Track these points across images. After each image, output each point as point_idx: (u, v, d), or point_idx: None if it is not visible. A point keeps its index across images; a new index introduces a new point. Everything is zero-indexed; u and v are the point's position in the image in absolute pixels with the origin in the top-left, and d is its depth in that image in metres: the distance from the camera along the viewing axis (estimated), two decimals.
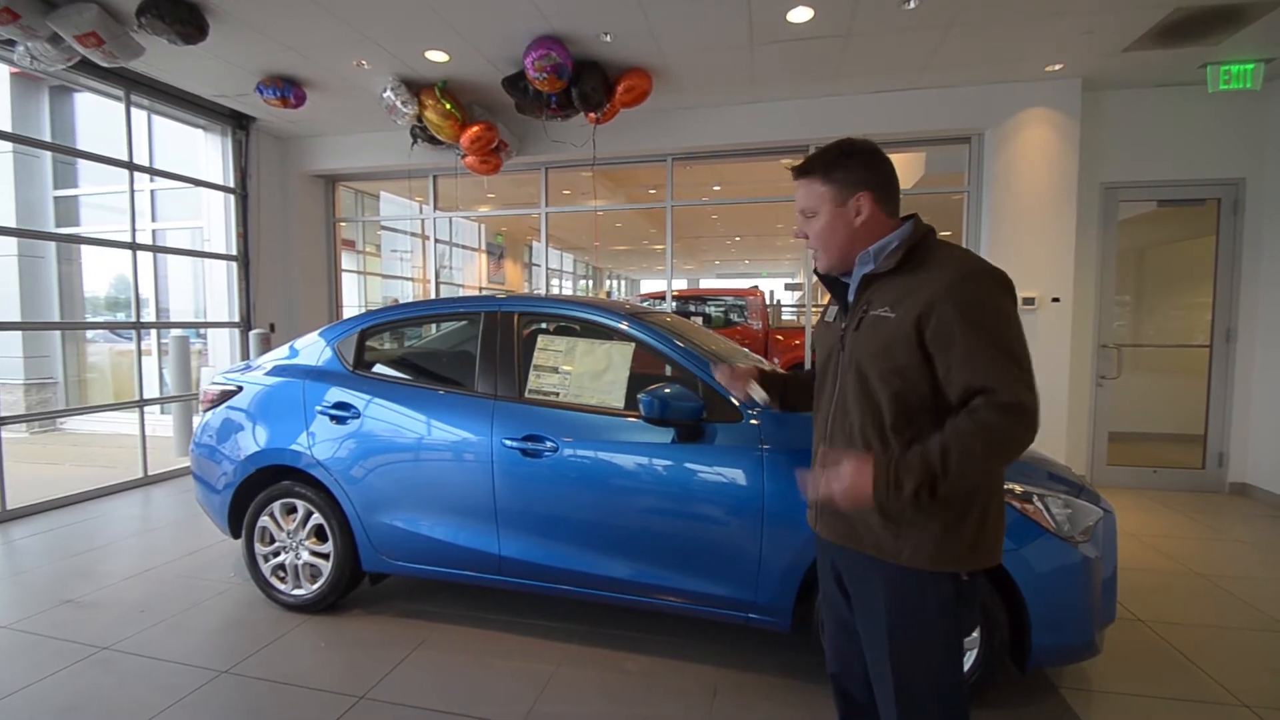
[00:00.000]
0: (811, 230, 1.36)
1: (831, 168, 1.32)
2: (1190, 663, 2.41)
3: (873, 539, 1.27)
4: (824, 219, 1.33)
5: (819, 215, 1.33)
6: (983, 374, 1.14)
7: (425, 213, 6.33)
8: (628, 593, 2.35)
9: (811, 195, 1.33)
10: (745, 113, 4.97)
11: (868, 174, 1.31)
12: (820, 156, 1.33)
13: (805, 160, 1.35)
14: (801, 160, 1.37)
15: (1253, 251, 4.53)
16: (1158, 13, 3.51)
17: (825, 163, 1.32)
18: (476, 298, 2.82)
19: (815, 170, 1.33)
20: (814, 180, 1.33)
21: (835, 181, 1.31)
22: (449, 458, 2.54)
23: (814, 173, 1.33)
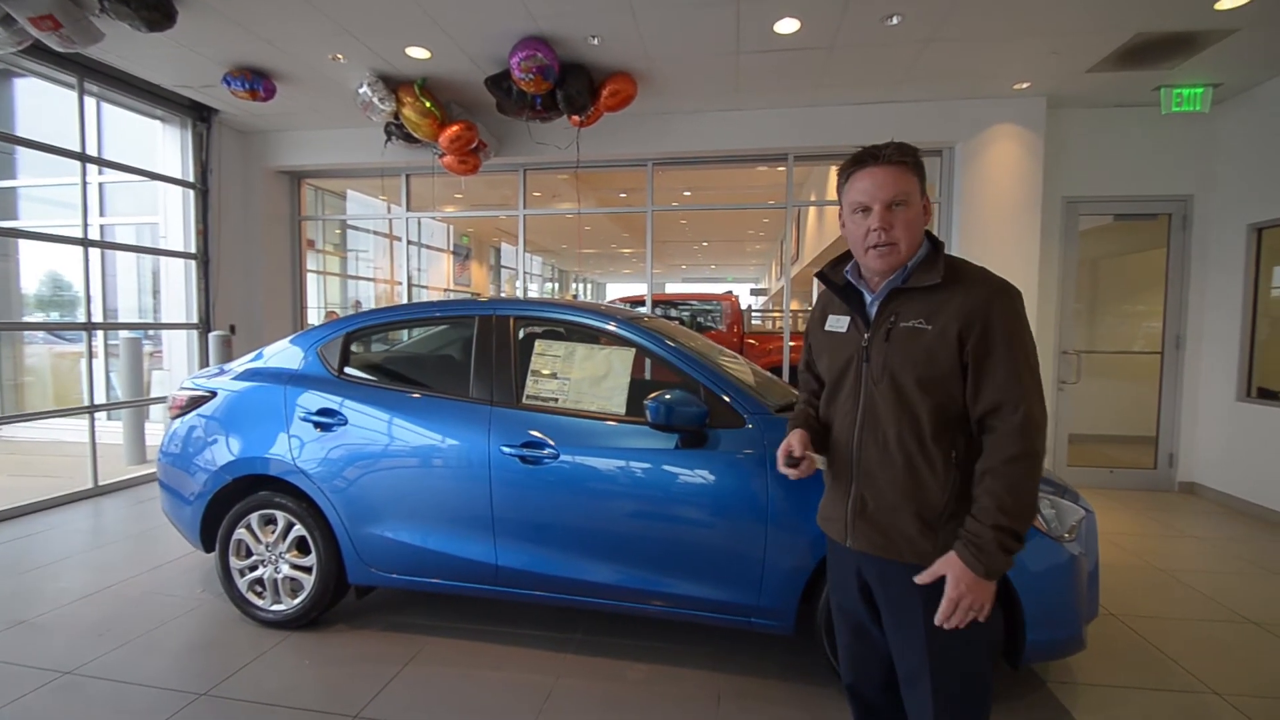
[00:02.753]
0: (902, 219, 1.26)
1: (917, 160, 1.30)
2: (1162, 654, 2.53)
3: (911, 548, 1.29)
4: (915, 209, 1.28)
5: (909, 204, 1.26)
6: (1007, 388, 1.20)
7: (396, 212, 6.16)
8: (630, 600, 2.33)
9: (905, 181, 1.26)
10: (726, 120, 5.02)
11: (925, 180, 1.33)
12: (906, 147, 1.28)
13: (890, 147, 1.27)
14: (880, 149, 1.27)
15: (1200, 264, 4.82)
16: (1120, 36, 3.71)
17: (913, 153, 1.29)
18: (471, 301, 2.76)
19: (909, 158, 1.28)
20: (907, 168, 1.27)
21: (920, 175, 1.30)
22: (443, 465, 2.47)
23: (908, 160, 1.27)
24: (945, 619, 1.22)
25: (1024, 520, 1.18)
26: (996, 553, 1.17)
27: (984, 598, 1.20)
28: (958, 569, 1.20)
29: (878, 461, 1.32)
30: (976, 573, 1.18)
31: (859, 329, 1.37)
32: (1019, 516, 1.18)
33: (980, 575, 1.18)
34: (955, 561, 1.21)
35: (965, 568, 1.19)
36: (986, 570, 1.18)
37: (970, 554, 1.19)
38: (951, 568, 1.21)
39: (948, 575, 1.22)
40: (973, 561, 1.18)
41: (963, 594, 1.20)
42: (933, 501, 1.27)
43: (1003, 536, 1.17)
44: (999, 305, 1.22)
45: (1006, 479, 1.18)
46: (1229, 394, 4.59)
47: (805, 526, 2.14)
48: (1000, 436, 1.20)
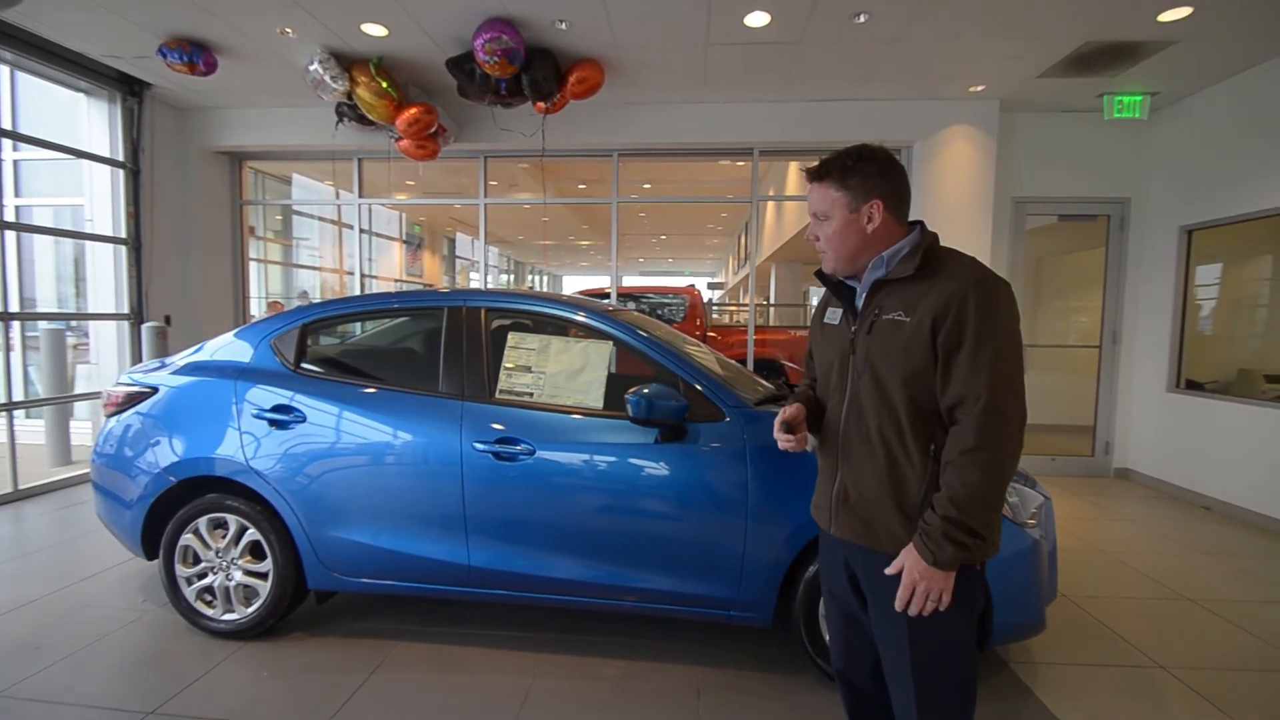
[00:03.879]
0: (823, 233, 1.36)
1: (848, 174, 1.33)
2: (1112, 631, 2.67)
3: (892, 539, 1.30)
4: (837, 224, 1.34)
5: (832, 219, 1.34)
6: (971, 382, 1.19)
7: (347, 198, 5.89)
8: (610, 597, 2.30)
9: (826, 199, 1.34)
10: (693, 112, 5.00)
11: (882, 182, 1.33)
12: (837, 162, 1.34)
13: (821, 163, 1.36)
14: (816, 163, 1.37)
15: (1135, 263, 5.12)
16: (1070, 44, 3.87)
17: (842, 168, 1.33)
18: (440, 292, 2.65)
19: (832, 175, 1.33)
20: (829, 185, 1.34)
21: (850, 188, 1.32)
22: (412, 463, 2.36)
23: (830, 177, 1.34)
24: (902, 605, 1.25)
25: (975, 513, 1.18)
26: (944, 543, 1.18)
27: (939, 586, 1.22)
28: (912, 557, 1.23)
29: (861, 452, 1.34)
30: (927, 561, 1.20)
31: (848, 322, 1.40)
32: (969, 510, 1.17)
33: (930, 564, 1.20)
34: (911, 550, 1.23)
35: (917, 555, 1.22)
36: (935, 560, 1.19)
37: (921, 542, 1.21)
38: (908, 556, 1.24)
39: (905, 563, 1.24)
40: (923, 550, 1.21)
41: (916, 581, 1.22)
42: (911, 493, 1.28)
43: (950, 528, 1.18)
44: (974, 297, 1.21)
45: (961, 471, 1.19)
46: (1160, 386, 4.90)
47: (785, 519, 2.15)
48: (961, 429, 1.21)
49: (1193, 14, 3.44)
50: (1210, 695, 2.21)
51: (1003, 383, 1.20)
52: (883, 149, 1.37)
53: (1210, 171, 4.49)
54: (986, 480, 1.19)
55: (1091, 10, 3.48)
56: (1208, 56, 3.99)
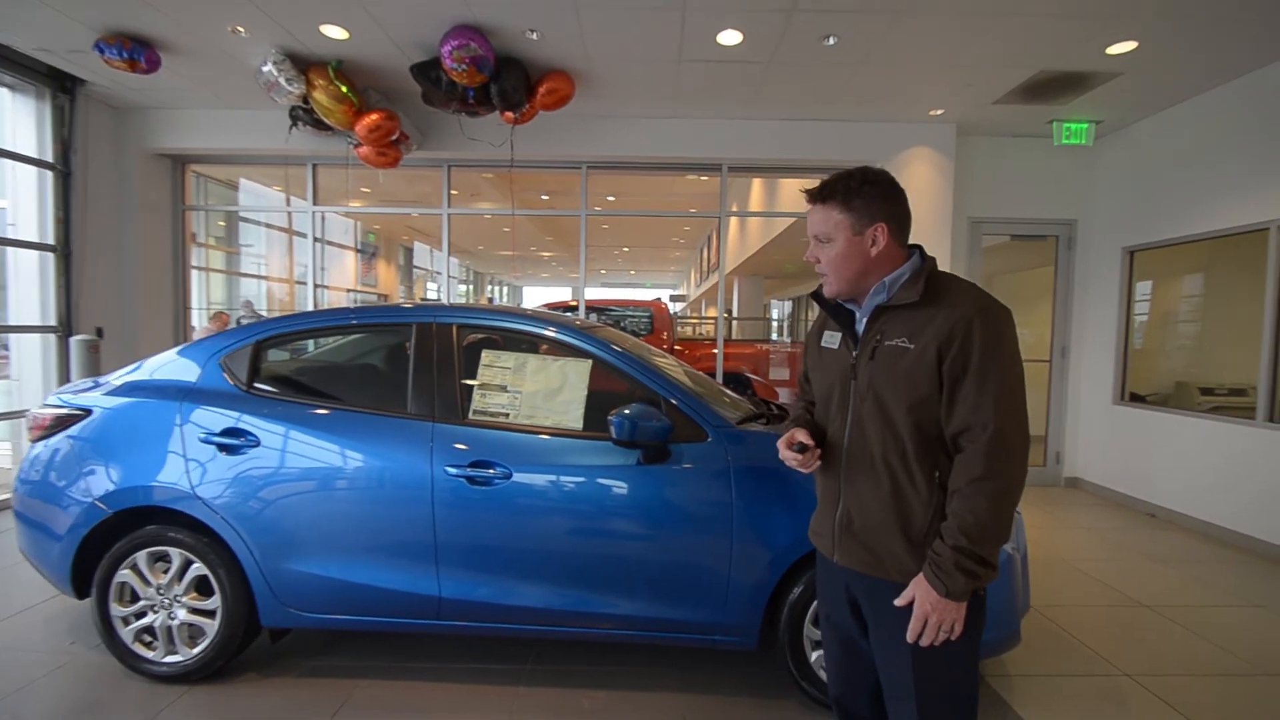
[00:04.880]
0: (825, 256, 1.33)
1: (852, 195, 1.30)
2: (1076, 640, 2.74)
3: (898, 567, 1.28)
4: (839, 246, 1.31)
5: (834, 242, 1.31)
6: (978, 410, 1.19)
7: (300, 205, 5.65)
8: (589, 625, 2.21)
9: (828, 221, 1.31)
10: (664, 126, 5.01)
11: (885, 205, 1.31)
12: (841, 183, 1.31)
13: (824, 184, 1.32)
14: (818, 184, 1.33)
15: (1082, 282, 5.37)
16: (1025, 72, 4.05)
17: (846, 190, 1.30)
18: (406, 307, 2.52)
19: (835, 196, 1.30)
20: (832, 207, 1.30)
21: (854, 210, 1.30)
22: (378, 489, 2.22)
23: (834, 199, 1.30)
24: (914, 636, 1.23)
25: (985, 543, 1.17)
26: (956, 574, 1.16)
27: (952, 617, 1.20)
28: (923, 588, 1.21)
29: (864, 478, 1.32)
30: (939, 592, 1.18)
31: (848, 347, 1.37)
32: (979, 539, 1.16)
33: (942, 596, 1.18)
34: (922, 581, 1.22)
35: (929, 587, 1.20)
36: (948, 591, 1.17)
37: (932, 573, 1.20)
38: (919, 587, 1.22)
39: (916, 594, 1.23)
40: (935, 581, 1.19)
41: (928, 612, 1.20)
42: (917, 521, 1.26)
43: (960, 558, 1.16)
44: (979, 325, 1.21)
45: (969, 500, 1.18)
46: (1106, 398, 5.13)
47: (770, 540, 2.12)
48: (967, 456, 1.20)
49: (1138, 48, 3.64)
50: (1175, 703, 2.28)
51: (1008, 411, 1.20)
52: (885, 172, 1.35)
53: (1150, 196, 4.76)
54: (995, 509, 1.18)
55: (1046, 42, 3.65)
56: (1149, 88, 4.23)
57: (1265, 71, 3.89)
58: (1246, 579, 3.48)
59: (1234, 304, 4.54)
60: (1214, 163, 4.23)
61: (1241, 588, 3.35)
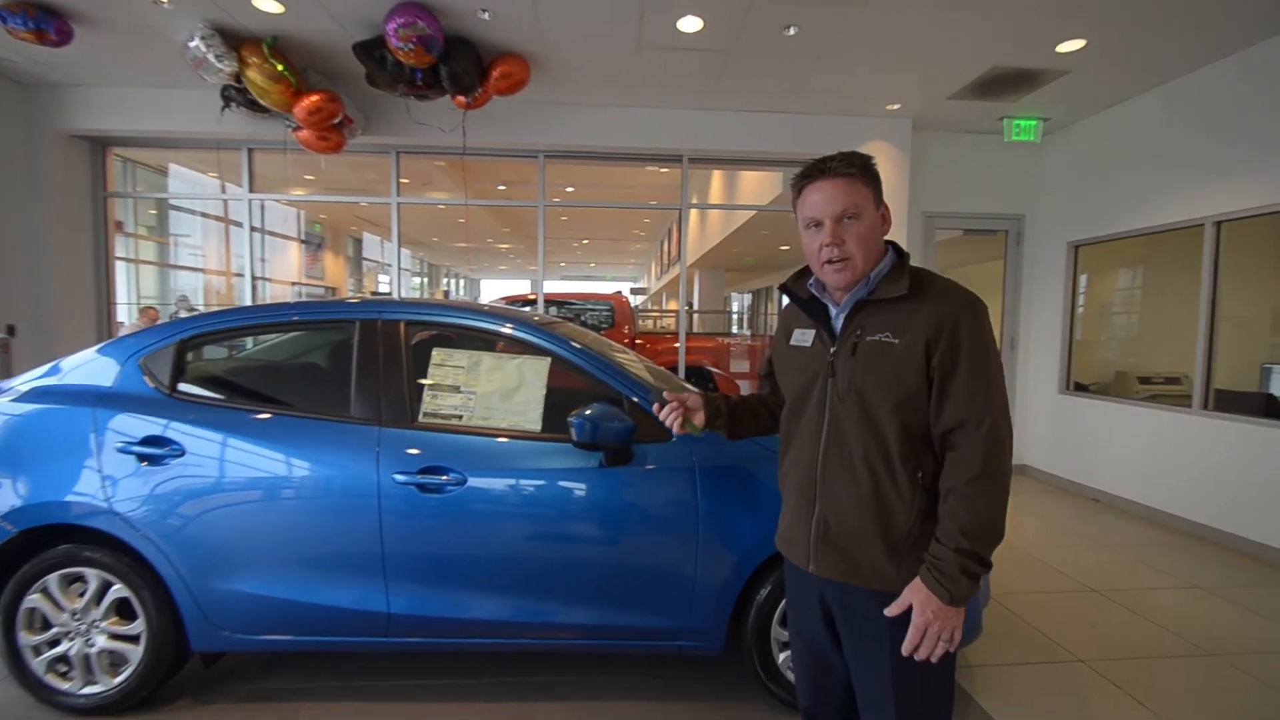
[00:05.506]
0: (853, 233, 1.21)
1: (868, 170, 1.24)
2: (1032, 627, 2.80)
3: (876, 574, 1.24)
4: (867, 221, 1.22)
5: (861, 217, 1.21)
6: (972, 404, 1.16)
7: (235, 192, 5.30)
8: (550, 636, 2.11)
9: (856, 193, 1.21)
10: (623, 115, 4.89)
11: (880, 187, 1.27)
12: (857, 157, 1.24)
13: (841, 157, 1.23)
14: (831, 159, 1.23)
15: (1030, 275, 5.54)
16: (979, 68, 4.11)
17: (865, 163, 1.24)
18: (349, 302, 2.34)
19: (855, 166, 1.22)
20: (857, 179, 1.22)
21: (872, 184, 1.25)
22: (318, 500, 2.06)
23: (854, 168, 1.22)
24: (913, 648, 1.18)
25: (988, 543, 1.15)
26: (960, 578, 1.13)
27: (952, 624, 1.16)
28: (923, 596, 1.16)
29: (843, 483, 1.26)
30: (942, 599, 1.14)
31: (824, 344, 1.31)
32: (982, 539, 1.14)
33: (945, 602, 1.14)
34: (921, 588, 1.17)
35: (930, 594, 1.15)
36: (952, 597, 1.13)
37: (934, 579, 1.15)
38: (917, 595, 1.17)
39: (914, 603, 1.17)
40: (937, 588, 1.14)
41: (929, 621, 1.16)
42: (899, 525, 1.22)
43: (965, 560, 1.13)
44: (967, 318, 1.18)
45: (969, 499, 1.14)
46: (1052, 388, 5.31)
47: (736, 541, 2.07)
48: (963, 454, 1.16)
49: (1086, 46, 3.73)
50: (1128, 687, 2.34)
51: (1000, 405, 1.18)
52: None
53: (1093, 192, 4.92)
54: (993, 507, 1.15)
55: (1000, 38, 3.70)
56: (1094, 87, 4.36)
57: (1200, 74, 4.05)
58: (1183, 560, 3.65)
59: (1170, 296, 4.75)
60: (1153, 161, 4.40)
61: (1180, 569, 3.51)
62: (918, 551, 1.21)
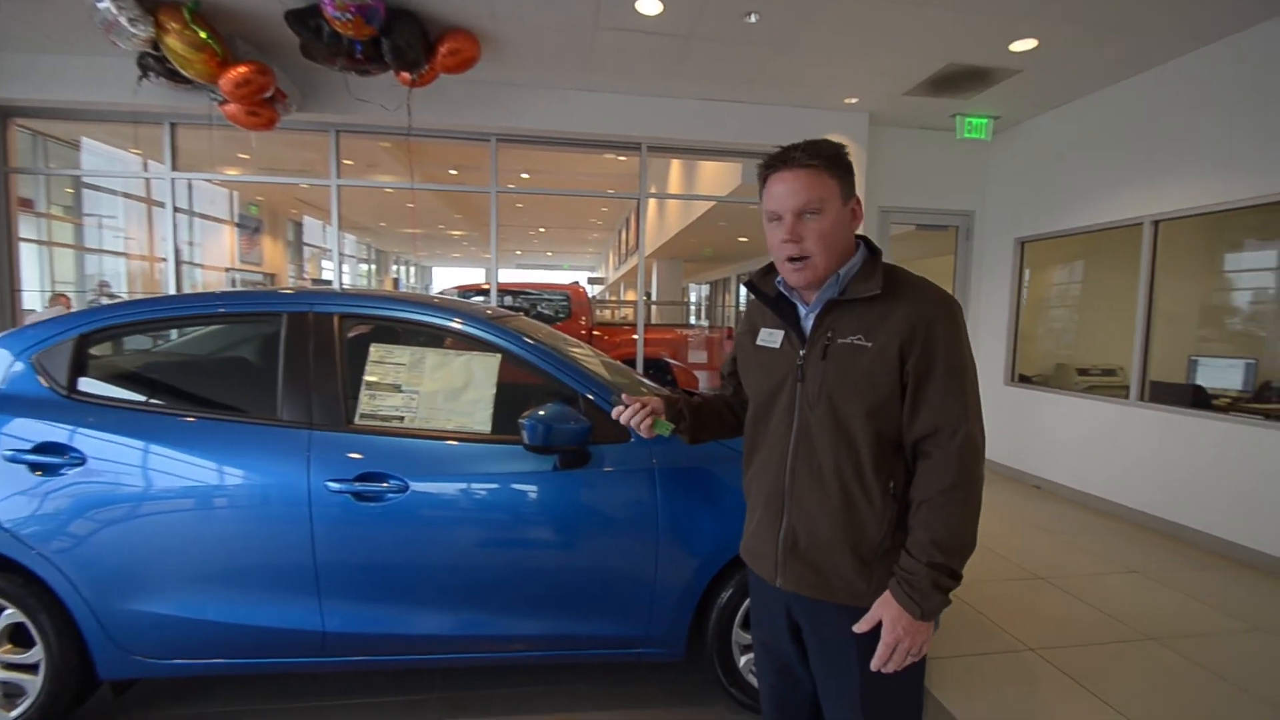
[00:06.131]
0: (814, 229, 1.14)
1: (836, 160, 1.15)
2: (983, 616, 2.84)
3: (846, 588, 1.18)
4: (832, 216, 1.14)
5: (824, 213, 1.14)
6: (946, 411, 1.11)
7: (157, 170, 4.88)
8: (502, 650, 2.00)
9: (819, 186, 1.13)
10: (579, 100, 4.72)
11: (853, 179, 1.19)
12: (824, 145, 1.15)
13: (806, 145, 1.15)
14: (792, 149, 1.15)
15: (978, 270, 5.67)
16: (934, 65, 4.13)
17: (831, 153, 1.15)
18: (277, 292, 2.14)
19: (822, 157, 1.14)
20: (820, 170, 1.13)
21: (840, 176, 1.16)
22: (241, 511, 1.87)
23: (820, 159, 1.13)
24: (882, 664, 1.13)
25: (960, 556, 1.10)
26: (931, 592, 1.08)
27: (922, 639, 1.12)
28: (894, 611, 1.11)
29: (812, 493, 1.20)
30: (913, 614, 1.09)
31: (793, 345, 1.23)
32: (955, 552, 1.09)
33: (916, 618, 1.09)
34: (891, 603, 1.12)
35: (901, 609, 1.10)
36: (923, 612, 1.09)
37: (905, 594, 1.10)
38: (888, 609, 1.12)
39: (884, 618, 1.12)
40: (908, 603, 1.09)
41: (899, 638, 1.11)
42: (870, 537, 1.16)
43: (937, 574, 1.08)
44: (942, 320, 1.13)
45: (942, 510, 1.09)
46: (999, 379, 5.47)
47: (697, 545, 2.00)
48: (937, 463, 1.11)
49: (1038, 46, 3.79)
50: (1075, 674, 2.39)
51: (975, 412, 1.13)
52: None
53: (1040, 190, 5.06)
54: (968, 519, 1.10)
55: (954, 35, 3.71)
56: (1043, 87, 4.45)
57: (1141, 78, 4.18)
58: (1121, 545, 3.80)
59: (1108, 291, 4.94)
60: (1097, 160, 4.54)
61: (1118, 554, 3.65)
62: (888, 563, 1.16)
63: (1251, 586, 3.25)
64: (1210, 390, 4.06)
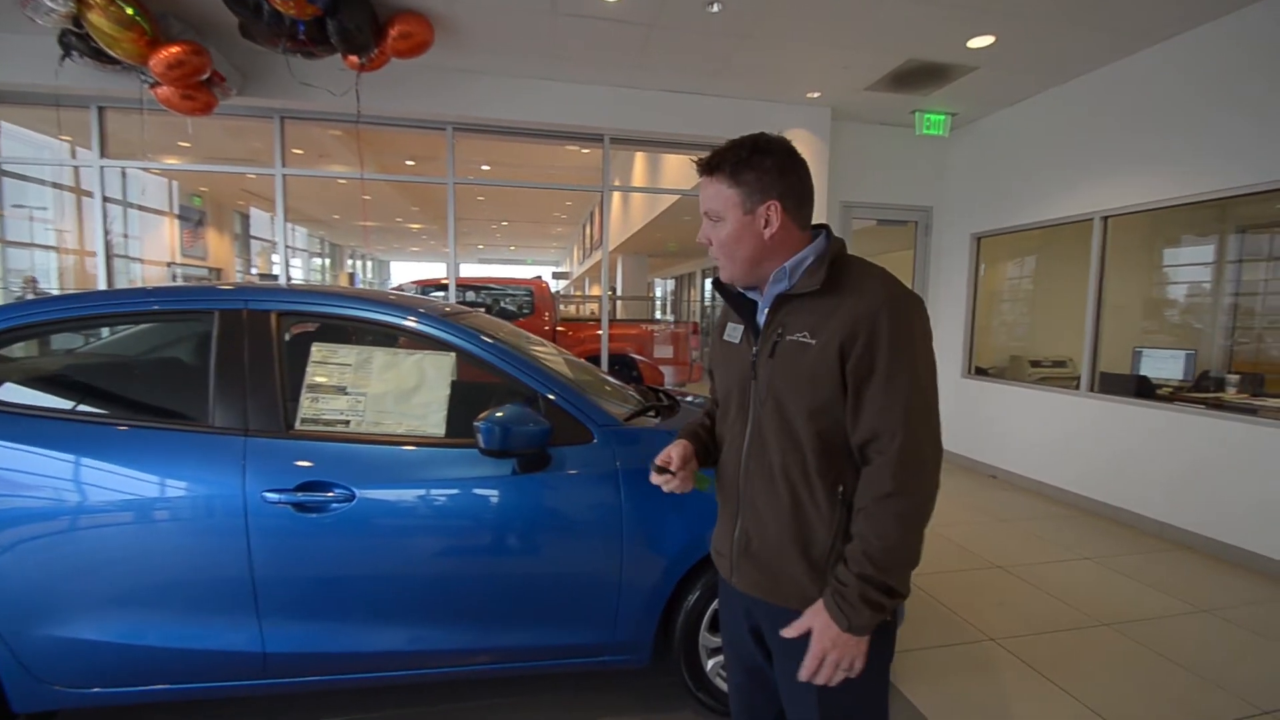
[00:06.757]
0: (716, 238, 1.16)
1: (741, 168, 1.11)
2: (943, 606, 2.88)
3: (797, 591, 1.14)
4: (730, 227, 1.13)
5: (724, 222, 1.14)
6: (886, 415, 1.04)
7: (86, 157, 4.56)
8: (459, 664, 1.91)
9: (718, 197, 1.13)
10: (540, 89, 4.59)
11: (780, 179, 1.13)
12: (730, 153, 1.12)
13: (713, 154, 1.14)
14: (708, 154, 1.14)
15: (936, 264, 5.77)
16: (895, 60, 4.15)
17: (735, 161, 1.11)
18: (207, 289, 1.98)
19: (723, 168, 1.12)
20: (720, 180, 1.12)
21: (744, 184, 1.11)
22: (169, 526, 1.73)
23: (721, 171, 1.12)
24: (810, 675, 1.08)
25: (893, 570, 1.04)
26: (860, 606, 1.02)
27: (852, 654, 1.06)
28: (822, 620, 1.06)
29: (763, 494, 1.16)
30: (840, 626, 1.04)
31: (749, 341, 1.20)
32: (886, 566, 1.03)
33: (843, 629, 1.04)
34: (820, 612, 1.07)
35: (829, 620, 1.05)
36: (850, 625, 1.03)
37: (834, 604, 1.05)
38: (817, 618, 1.07)
39: (814, 627, 1.08)
40: (836, 614, 1.04)
41: (827, 649, 1.06)
42: (818, 541, 1.12)
43: (866, 588, 1.02)
44: (887, 317, 1.05)
45: (876, 521, 1.04)
46: (957, 371, 5.59)
47: (663, 548, 1.94)
48: (876, 469, 1.05)
49: (995, 43, 3.84)
50: (1033, 662, 2.43)
51: (920, 417, 1.05)
52: (782, 140, 1.16)
53: (995, 186, 5.17)
54: (905, 530, 1.04)
55: (914, 30, 3.73)
56: (999, 84, 4.53)
57: (1092, 76, 4.29)
58: (1074, 533, 3.91)
59: (1059, 285, 5.09)
60: (1049, 157, 4.65)
61: (1071, 542, 3.75)
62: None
63: (1193, 569, 3.38)
64: (1154, 380, 4.21)
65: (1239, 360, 4.50)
